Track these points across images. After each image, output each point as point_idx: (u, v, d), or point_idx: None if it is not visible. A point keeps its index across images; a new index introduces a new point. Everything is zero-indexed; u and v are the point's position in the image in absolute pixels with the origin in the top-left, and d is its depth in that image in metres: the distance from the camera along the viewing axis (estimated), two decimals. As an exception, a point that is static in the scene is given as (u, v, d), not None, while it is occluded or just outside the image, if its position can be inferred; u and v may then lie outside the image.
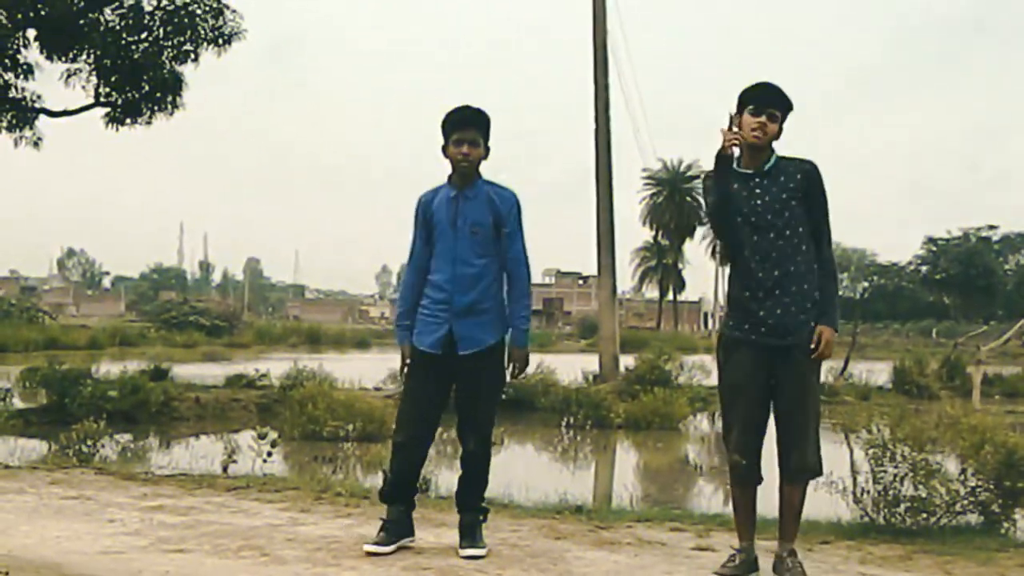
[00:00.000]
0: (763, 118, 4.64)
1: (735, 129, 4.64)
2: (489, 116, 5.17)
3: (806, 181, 4.69)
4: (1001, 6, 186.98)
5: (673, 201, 68.15)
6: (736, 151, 4.69)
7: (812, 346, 4.60)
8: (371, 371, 19.68)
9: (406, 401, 5.27)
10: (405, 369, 5.22)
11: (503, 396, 5.47)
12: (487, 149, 5.15)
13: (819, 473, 4.76)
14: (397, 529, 5.14)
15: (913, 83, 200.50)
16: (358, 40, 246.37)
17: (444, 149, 5.13)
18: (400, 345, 5.25)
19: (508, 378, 5.25)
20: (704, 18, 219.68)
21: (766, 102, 4.67)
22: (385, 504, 5.24)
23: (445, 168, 5.20)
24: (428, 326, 5.11)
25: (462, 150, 5.04)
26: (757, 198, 4.67)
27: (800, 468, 4.66)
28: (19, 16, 16.37)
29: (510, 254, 5.12)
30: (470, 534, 5.12)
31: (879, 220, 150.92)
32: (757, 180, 4.69)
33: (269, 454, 9.48)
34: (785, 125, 4.73)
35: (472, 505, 5.20)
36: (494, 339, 5.12)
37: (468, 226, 5.05)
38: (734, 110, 4.70)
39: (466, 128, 5.08)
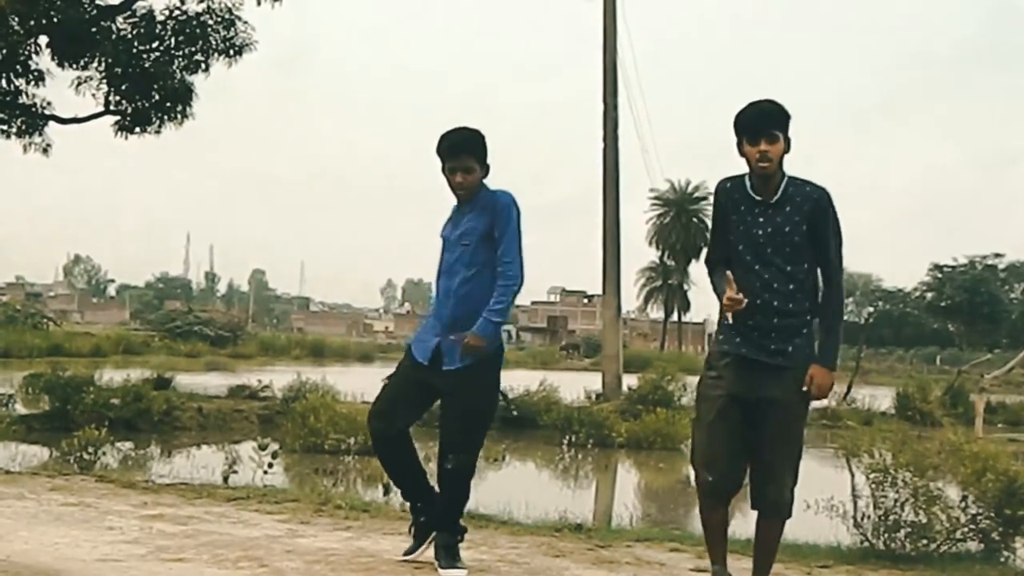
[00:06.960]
0: (762, 144, 4.33)
1: (733, 296, 4.33)
2: (482, 135, 5.02)
3: (814, 213, 4.37)
4: (1008, 34, 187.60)
5: (680, 222, 68.10)
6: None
7: (804, 388, 4.32)
8: (374, 385, 19.53)
9: (380, 394, 5.25)
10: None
11: (491, 420, 5.17)
12: (486, 168, 5.01)
13: (790, 514, 4.47)
14: (422, 532, 5.13)
15: (920, 109, 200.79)
16: (366, 52, 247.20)
17: (442, 171, 5.03)
18: None
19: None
20: (714, 39, 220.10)
21: (760, 125, 4.37)
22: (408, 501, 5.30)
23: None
24: (424, 334, 5.11)
25: (456, 179, 4.95)
26: (760, 228, 4.39)
27: (776, 502, 4.40)
28: (31, 23, 16.47)
29: (504, 257, 4.89)
30: (448, 554, 4.93)
31: (885, 246, 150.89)
32: (762, 209, 4.40)
33: (270, 465, 9.49)
34: (791, 136, 4.41)
35: (447, 526, 5.02)
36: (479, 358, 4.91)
37: (458, 238, 4.97)
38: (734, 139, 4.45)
39: (458, 156, 4.94)
